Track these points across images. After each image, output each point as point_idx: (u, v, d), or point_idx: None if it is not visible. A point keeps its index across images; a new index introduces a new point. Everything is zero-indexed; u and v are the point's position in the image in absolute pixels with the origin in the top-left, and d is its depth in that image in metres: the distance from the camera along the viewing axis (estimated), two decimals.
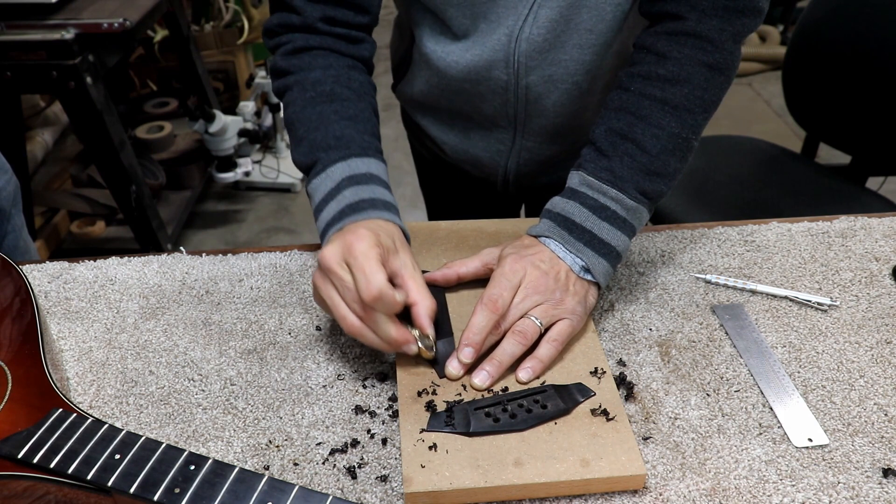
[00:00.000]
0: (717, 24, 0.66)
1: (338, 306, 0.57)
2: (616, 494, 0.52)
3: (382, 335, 0.56)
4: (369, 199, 0.64)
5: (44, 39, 1.48)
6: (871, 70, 1.33)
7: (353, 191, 0.64)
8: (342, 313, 0.56)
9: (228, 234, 2.43)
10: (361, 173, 0.65)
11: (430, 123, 0.93)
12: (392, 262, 0.58)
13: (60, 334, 0.67)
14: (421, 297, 0.58)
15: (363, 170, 0.66)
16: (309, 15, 0.70)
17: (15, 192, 1.09)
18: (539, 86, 0.79)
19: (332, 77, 0.70)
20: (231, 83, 2.84)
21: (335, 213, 0.64)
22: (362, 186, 0.65)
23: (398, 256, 0.59)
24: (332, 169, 0.65)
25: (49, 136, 2.29)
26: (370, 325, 0.56)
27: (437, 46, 0.79)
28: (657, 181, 0.65)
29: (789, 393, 0.60)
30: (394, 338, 0.56)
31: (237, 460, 0.55)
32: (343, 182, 0.65)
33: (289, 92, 0.71)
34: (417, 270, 0.60)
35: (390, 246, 0.59)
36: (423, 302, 0.58)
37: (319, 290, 0.58)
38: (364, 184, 0.65)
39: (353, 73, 0.72)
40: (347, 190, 0.64)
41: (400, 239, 0.62)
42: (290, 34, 0.72)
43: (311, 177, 0.67)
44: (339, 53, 0.72)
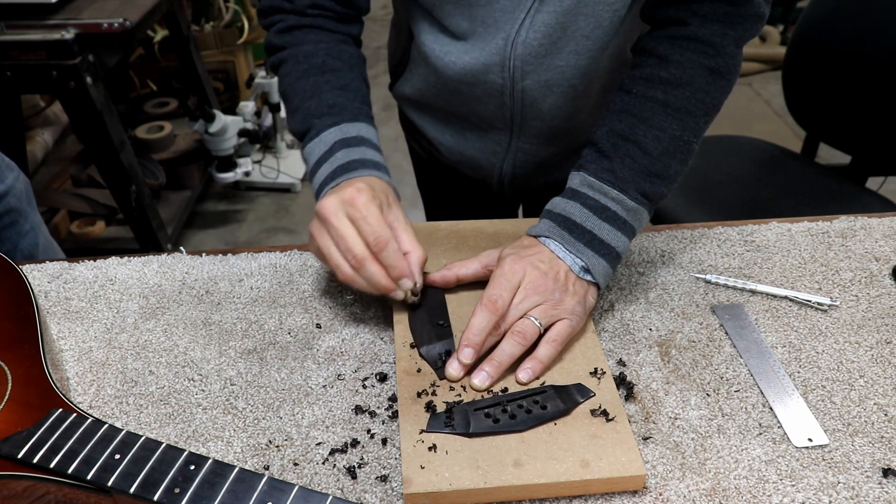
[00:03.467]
0: (719, 28, 0.66)
1: (332, 255, 0.61)
2: (616, 495, 0.52)
3: (372, 282, 0.61)
4: (360, 160, 0.68)
5: (44, 39, 1.48)
6: (871, 70, 1.33)
7: (344, 153, 0.68)
8: (336, 262, 0.61)
9: (228, 234, 2.43)
10: (352, 136, 0.69)
11: (426, 123, 0.93)
12: (387, 215, 0.63)
13: (60, 334, 0.67)
14: (413, 247, 0.63)
15: (354, 133, 0.70)
16: (298, 3, 0.75)
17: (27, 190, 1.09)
18: (535, 89, 0.79)
19: (324, 50, 0.74)
20: (231, 83, 2.84)
21: (329, 173, 0.67)
22: (353, 148, 0.68)
23: (391, 210, 0.64)
24: (325, 134, 0.69)
25: (49, 136, 2.29)
26: (362, 273, 0.60)
27: (435, 45, 0.79)
28: (658, 183, 0.65)
29: (789, 393, 0.60)
30: (383, 284, 0.61)
31: (237, 460, 0.55)
32: (336, 145, 0.69)
33: (283, 65, 0.75)
34: (409, 223, 0.65)
35: (384, 200, 0.63)
36: (415, 252, 0.63)
37: (316, 239, 0.63)
38: (355, 146, 0.69)
39: (343, 45, 0.76)
40: (340, 152, 0.68)
41: (392, 195, 0.66)
42: (283, 14, 0.76)
43: (306, 142, 0.71)
44: (329, 31, 0.76)
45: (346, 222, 0.60)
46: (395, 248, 0.60)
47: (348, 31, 0.78)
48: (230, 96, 2.82)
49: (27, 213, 1.09)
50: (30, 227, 1.09)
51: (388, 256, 0.60)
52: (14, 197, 1.06)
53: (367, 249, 0.60)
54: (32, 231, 1.09)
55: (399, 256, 0.61)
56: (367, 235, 0.60)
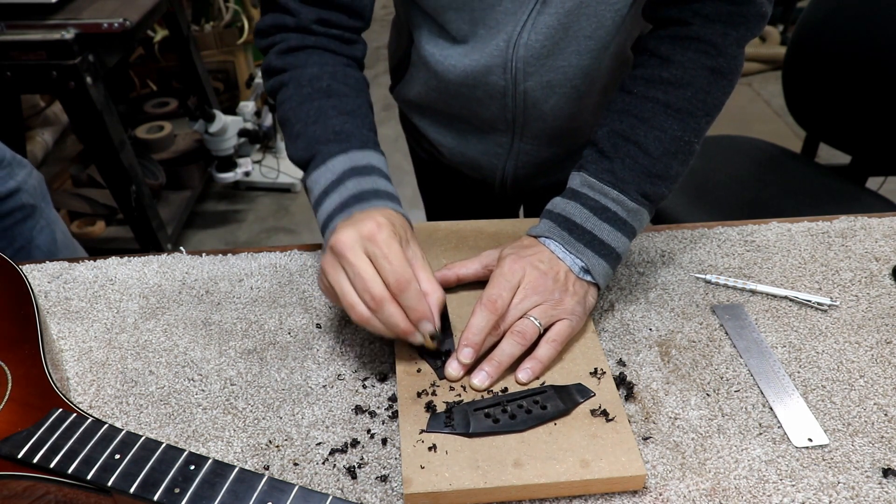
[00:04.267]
0: (721, 28, 0.66)
1: (347, 294, 0.56)
2: (616, 495, 0.52)
3: (390, 325, 0.56)
4: (372, 190, 0.64)
5: (44, 39, 1.48)
6: (871, 70, 1.33)
7: (355, 182, 0.64)
8: (351, 301, 0.56)
9: (228, 234, 2.43)
10: (363, 165, 0.65)
11: (427, 125, 0.93)
12: (405, 253, 0.58)
13: (60, 334, 0.67)
14: (432, 288, 0.58)
15: (364, 162, 0.65)
16: (303, 17, 0.70)
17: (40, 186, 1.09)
18: (537, 91, 0.79)
19: (329, 73, 0.69)
20: (231, 83, 2.83)
21: (338, 204, 0.63)
22: (364, 178, 0.64)
23: (410, 247, 0.59)
24: (333, 162, 0.65)
25: (49, 136, 2.29)
26: (379, 314, 0.55)
27: (435, 49, 0.79)
28: (658, 183, 0.65)
29: (789, 393, 0.60)
30: (402, 327, 0.56)
31: (237, 460, 0.55)
32: (345, 174, 0.64)
33: (283, 89, 0.70)
34: (427, 262, 0.60)
35: (403, 236, 0.59)
36: (434, 294, 0.58)
37: (328, 275, 0.57)
38: (366, 175, 0.65)
39: (348, 69, 0.72)
40: (350, 181, 0.64)
41: (409, 230, 0.62)
42: (285, 34, 0.71)
43: (310, 170, 0.67)
44: (333, 52, 0.72)
45: (364, 259, 0.55)
46: (417, 288, 0.56)
47: (352, 53, 0.74)
48: (230, 96, 2.82)
49: (42, 208, 1.09)
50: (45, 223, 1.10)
51: (409, 298, 0.55)
52: (27, 193, 1.06)
53: (387, 290, 0.55)
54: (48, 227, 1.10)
55: (420, 298, 0.56)
56: (387, 275, 0.55)
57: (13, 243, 1.07)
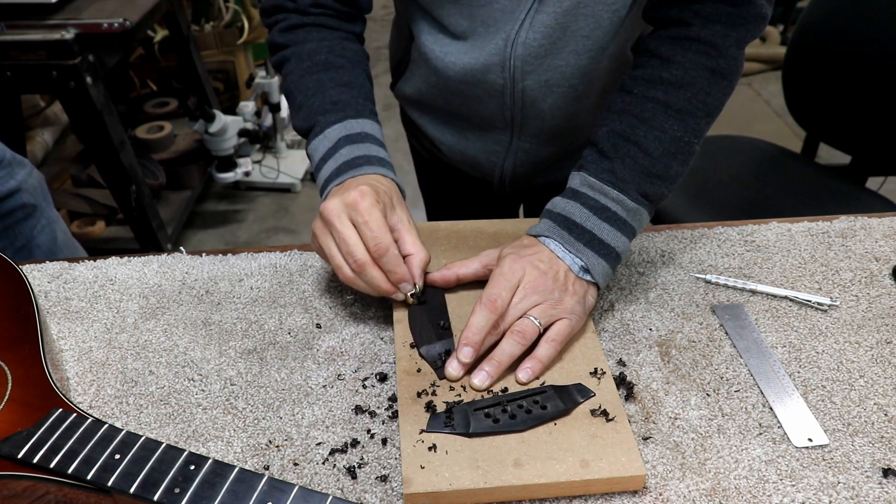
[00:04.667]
0: (722, 29, 0.66)
1: (334, 257, 0.62)
2: (616, 495, 0.52)
3: (372, 286, 0.62)
4: (364, 156, 0.68)
5: (44, 39, 1.48)
6: (871, 70, 1.33)
7: (349, 149, 0.68)
8: (338, 263, 0.62)
9: (228, 234, 2.43)
10: (356, 133, 0.70)
11: (427, 123, 0.93)
12: (390, 218, 0.63)
13: (60, 334, 0.67)
14: (416, 249, 0.64)
15: (358, 129, 0.70)
16: (301, 2, 0.75)
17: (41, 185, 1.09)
18: (535, 90, 0.79)
19: (327, 47, 0.74)
20: (231, 83, 2.84)
21: (333, 170, 0.68)
22: (358, 145, 0.69)
23: (395, 212, 0.64)
24: (330, 130, 0.70)
25: (49, 136, 2.29)
26: (362, 276, 0.61)
27: (435, 45, 0.79)
28: (658, 184, 0.65)
29: (789, 393, 0.60)
30: (383, 287, 0.62)
31: (237, 460, 0.55)
32: (340, 141, 0.69)
33: (286, 64, 0.75)
34: (412, 225, 0.65)
35: (388, 202, 0.64)
36: (418, 255, 0.64)
37: (318, 239, 0.63)
38: (359, 142, 0.69)
39: (346, 42, 0.76)
40: (344, 148, 0.69)
41: (396, 195, 0.67)
42: (285, 13, 0.76)
43: (311, 139, 0.72)
44: (331, 28, 0.76)
45: (348, 225, 0.61)
46: (395, 253, 0.61)
47: (351, 28, 0.78)
48: (230, 96, 2.82)
49: (42, 208, 1.09)
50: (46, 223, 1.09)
51: (388, 262, 0.61)
52: (27, 192, 1.06)
53: (368, 254, 0.61)
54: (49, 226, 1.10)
55: (399, 261, 0.62)
56: (367, 240, 0.60)
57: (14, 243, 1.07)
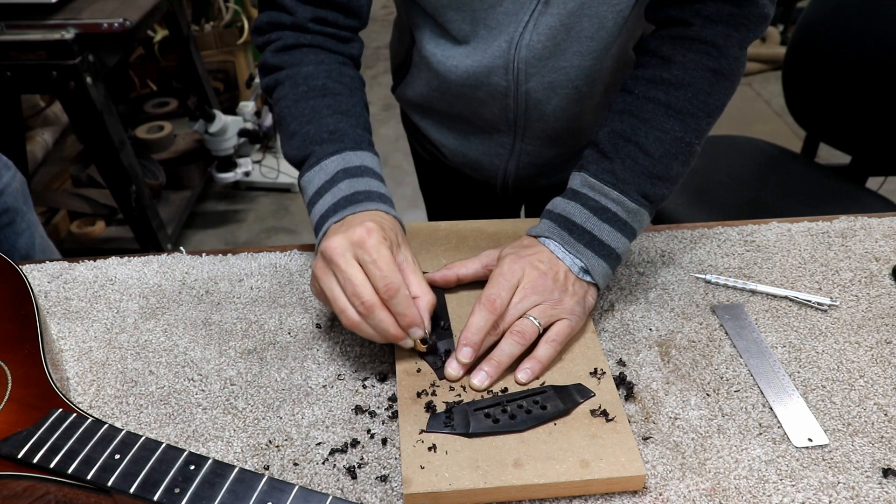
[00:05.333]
0: (723, 29, 0.66)
1: (338, 299, 0.57)
2: (616, 495, 0.52)
3: (380, 330, 0.56)
4: (365, 192, 0.64)
5: (44, 39, 1.48)
6: (871, 70, 1.33)
7: (348, 183, 0.64)
8: (342, 306, 0.57)
9: (228, 234, 2.43)
10: (356, 166, 0.66)
11: (429, 126, 0.93)
12: (396, 257, 0.59)
13: (60, 334, 0.67)
14: (422, 291, 0.59)
15: (357, 163, 0.66)
16: (300, 15, 0.71)
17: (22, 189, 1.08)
18: (539, 92, 0.79)
19: (324, 72, 0.70)
20: (231, 83, 2.83)
21: (331, 205, 0.64)
22: (357, 179, 0.65)
23: (401, 251, 0.60)
24: (327, 162, 0.65)
25: (49, 136, 2.29)
26: (369, 320, 0.56)
27: (437, 50, 0.79)
28: (659, 184, 0.65)
29: (789, 393, 0.60)
30: (391, 333, 0.56)
31: (237, 460, 0.55)
32: (338, 174, 0.65)
33: (279, 87, 0.70)
34: (417, 265, 0.61)
35: (394, 239, 0.60)
36: (424, 297, 0.59)
37: (320, 280, 0.58)
38: (359, 176, 0.65)
39: (343, 68, 0.72)
40: (343, 182, 0.64)
41: (400, 233, 0.63)
42: (281, 31, 0.72)
43: (305, 170, 0.67)
44: (329, 51, 0.72)
45: (354, 265, 0.56)
46: (406, 294, 0.56)
47: (349, 52, 0.74)
48: (230, 96, 2.82)
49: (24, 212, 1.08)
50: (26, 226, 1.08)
51: (399, 304, 0.56)
52: (10, 196, 1.05)
53: (377, 296, 0.56)
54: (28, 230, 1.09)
55: (410, 304, 0.57)
56: (376, 281, 0.55)
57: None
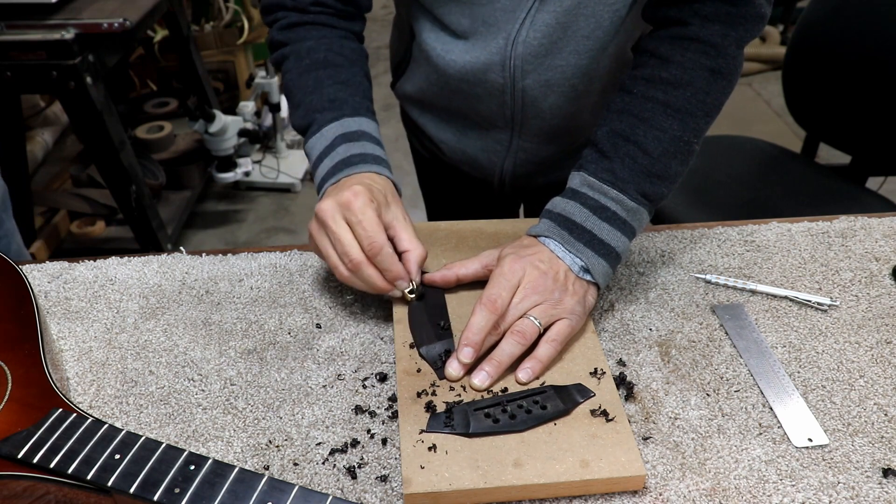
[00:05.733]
0: (720, 29, 0.66)
1: (330, 256, 0.63)
2: (616, 495, 0.52)
3: (369, 284, 0.62)
4: (360, 154, 0.69)
5: (44, 39, 1.48)
6: (871, 70, 1.33)
7: (345, 147, 0.69)
8: (334, 262, 0.63)
9: (228, 234, 2.43)
10: (353, 131, 0.70)
11: (428, 122, 0.94)
12: (385, 215, 0.64)
13: (60, 334, 0.67)
14: (412, 246, 0.64)
15: (354, 128, 0.71)
16: (301, 0, 0.75)
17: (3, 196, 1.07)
18: (536, 89, 0.79)
19: (325, 45, 0.74)
20: (231, 83, 2.84)
21: (329, 168, 0.69)
22: (354, 143, 0.69)
23: (390, 209, 0.65)
24: (327, 129, 0.71)
25: (49, 136, 2.29)
26: (358, 275, 0.62)
27: (436, 43, 0.80)
28: (658, 183, 0.65)
29: (789, 393, 0.60)
30: (379, 285, 0.63)
31: (237, 460, 0.55)
32: (336, 140, 0.70)
33: (286, 62, 0.76)
34: (408, 221, 0.66)
35: (382, 200, 0.64)
36: (415, 251, 0.64)
37: (314, 239, 0.65)
38: (356, 140, 0.70)
39: (344, 41, 0.77)
40: (340, 147, 0.69)
41: (391, 192, 0.67)
42: (285, 11, 0.77)
43: (308, 137, 0.72)
44: (331, 27, 0.77)
45: (343, 226, 0.62)
46: (390, 251, 0.62)
47: (350, 27, 0.78)
48: (230, 96, 2.82)
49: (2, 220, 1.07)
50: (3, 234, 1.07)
51: (383, 260, 0.62)
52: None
53: (363, 253, 0.61)
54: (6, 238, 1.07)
55: (393, 260, 0.62)
56: (362, 240, 0.61)
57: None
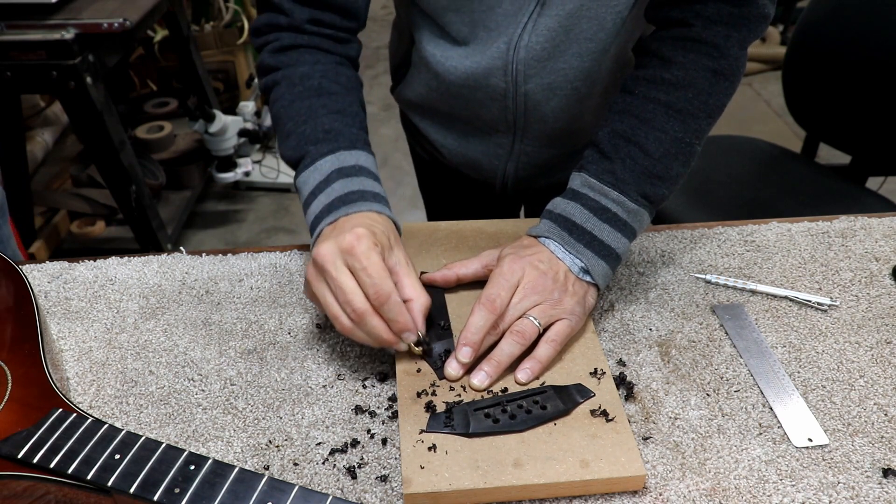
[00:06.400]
0: (723, 30, 0.66)
1: (330, 305, 0.57)
2: (616, 495, 0.52)
3: (373, 336, 0.57)
4: (359, 191, 0.64)
5: (44, 39, 1.48)
6: (871, 70, 1.33)
7: (342, 183, 0.64)
8: (334, 313, 0.57)
9: (228, 234, 2.43)
10: (350, 165, 0.65)
11: (428, 126, 0.93)
12: (388, 260, 0.59)
13: (60, 334, 0.67)
14: (416, 294, 0.59)
15: (352, 162, 0.66)
16: (296, 17, 0.71)
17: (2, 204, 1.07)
18: (538, 93, 0.79)
19: (320, 72, 0.70)
20: (231, 83, 2.83)
21: (325, 206, 0.63)
22: (351, 179, 0.65)
23: (393, 253, 0.60)
24: (321, 162, 0.65)
25: (49, 136, 2.29)
26: (362, 327, 0.56)
27: (436, 50, 0.79)
28: (659, 185, 0.65)
29: (789, 393, 0.60)
30: (384, 338, 0.57)
31: (237, 460, 0.55)
32: (332, 175, 0.65)
33: (276, 87, 0.71)
34: (411, 266, 0.61)
35: (385, 243, 0.59)
36: (419, 299, 0.59)
37: (312, 286, 0.59)
38: (353, 176, 0.65)
39: (340, 68, 0.72)
40: (337, 182, 0.64)
41: (393, 234, 0.62)
42: (278, 33, 0.72)
43: (300, 170, 0.67)
44: (326, 51, 0.72)
45: (345, 272, 0.56)
46: (398, 300, 0.56)
47: (346, 52, 0.74)
48: (230, 96, 2.82)
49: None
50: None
51: (390, 310, 0.56)
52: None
53: (368, 302, 0.56)
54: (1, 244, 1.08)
55: (401, 309, 0.56)
56: (367, 288, 0.55)
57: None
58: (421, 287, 0.59)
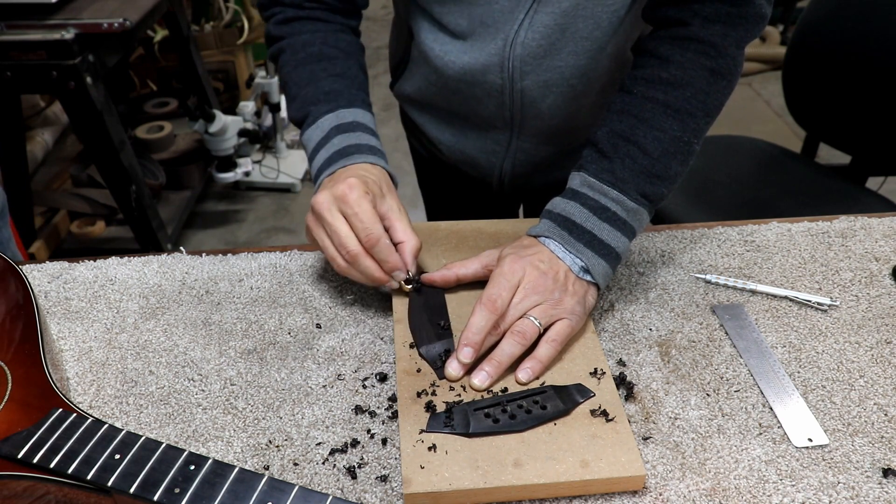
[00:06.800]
0: (721, 29, 0.66)
1: (327, 248, 0.64)
2: (616, 495, 0.52)
3: (366, 275, 0.63)
4: (355, 145, 0.70)
5: (44, 39, 1.48)
6: (871, 70, 1.33)
7: (340, 138, 0.70)
8: (331, 255, 0.64)
9: (228, 234, 2.43)
10: (348, 122, 0.71)
11: (427, 122, 0.94)
12: (380, 206, 0.64)
13: (60, 334, 0.67)
14: (407, 236, 0.65)
15: (349, 119, 0.71)
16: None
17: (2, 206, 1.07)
18: (534, 90, 0.79)
19: (321, 39, 0.76)
20: (231, 83, 2.83)
21: (325, 160, 0.70)
22: (349, 134, 0.70)
23: (385, 200, 0.66)
24: (322, 120, 0.72)
25: (49, 136, 2.29)
26: (356, 267, 0.63)
27: (434, 44, 0.80)
28: (658, 184, 0.65)
29: (789, 393, 0.60)
30: (376, 276, 0.63)
31: (237, 460, 0.55)
32: (331, 131, 0.71)
33: (281, 55, 0.77)
34: (403, 212, 0.66)
35: (377, 191, 0.65)
36: (409, 241, 0.65)
37: (311, 231, 0.65)
38: (351, 131, 0.71)
39: (340, 34, 0.78)
40: (336, 138, 0.70)
41: (387, 182, 0.68)
42: (281, 7, 0.78)
43: (304, 129, 0.73)
44: (326, 21, 0.78)
45: (339, 218, 0.62)
46: (387, 242, 0.63)
47: (346, 21, 0.79)
48: (230, 96, 2.82)
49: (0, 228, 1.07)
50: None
51: (380, 251, 0.62)
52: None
53: (360, 245, 0.62)
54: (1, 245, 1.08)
55: (390, 250, 0.63)
56: (359, 232, 0.62)
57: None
58: (412, 231, 0.65)
